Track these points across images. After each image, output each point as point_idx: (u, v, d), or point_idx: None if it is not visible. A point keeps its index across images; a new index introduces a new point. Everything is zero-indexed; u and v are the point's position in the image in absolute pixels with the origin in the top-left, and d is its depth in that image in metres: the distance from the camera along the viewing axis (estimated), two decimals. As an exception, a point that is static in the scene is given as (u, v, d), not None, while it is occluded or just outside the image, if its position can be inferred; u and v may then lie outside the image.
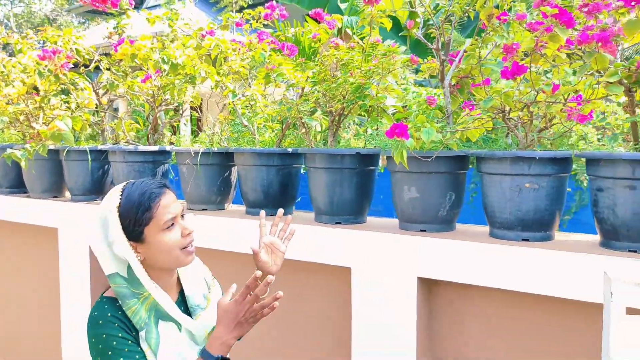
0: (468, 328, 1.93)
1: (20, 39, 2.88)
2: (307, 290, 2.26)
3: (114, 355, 1.35)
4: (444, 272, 1.84)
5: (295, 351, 2.31)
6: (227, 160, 2.46)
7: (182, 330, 1.47)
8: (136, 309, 1.39)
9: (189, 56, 2.31)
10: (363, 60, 2.17)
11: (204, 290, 1.58)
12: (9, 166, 3.09)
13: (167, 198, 1.42)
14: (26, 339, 3.27)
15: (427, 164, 1.86)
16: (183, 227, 1.43)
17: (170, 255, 1.42)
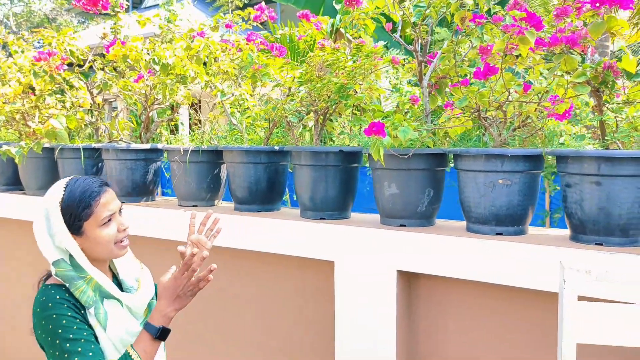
0: (446, 319, 2.00)
1: (16, 39, 2.95)
2: (292, 283, 2.33)
3: (65, 333, 1.46)
4: (422, 265, 1.92)
5: (279, 343, 2.38)
6: (217, 158, 2.53)
7: (124, 307, 1.60)
8: (83, 289, 1.52)
9: (178, 57, 2.38)
10: (347, 60, 2.24)
11: (135, 274, 1.73)
12: (6, 164, 3.16)
13: (106, 196, 1.56)
14: (22, 336, 3.34)
15: (407, 161, 1.93)
16: (119, 223, 1.59)
17: (105, 248, 1.56)
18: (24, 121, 3.07)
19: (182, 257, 1.72)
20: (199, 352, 2.62)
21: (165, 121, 2.89)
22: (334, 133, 2.50)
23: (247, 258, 2.42)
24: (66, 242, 1.53)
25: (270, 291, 2.40)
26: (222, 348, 2.55)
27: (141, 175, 2.71)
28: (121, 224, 1.60)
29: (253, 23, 2.85)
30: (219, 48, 2.47)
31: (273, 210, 2.44)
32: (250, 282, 2.45)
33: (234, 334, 2.51)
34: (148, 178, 2.74)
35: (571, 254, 1.63)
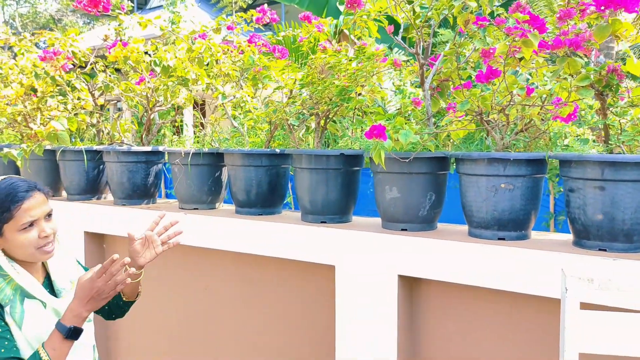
0: (448, 324, 1.98)
1: (18, 41, 2.94)
2: (293, 287, 2.32)
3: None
4: (424, 270, 1.90)
5: (280, 347, 2.37)
6: (218, 161, 2.52)
7: (48, 308, 1.60)
8: (1, 287, 1.54)
9: (178, 59, 2.37)
10: (349, 63, 2.22)
11: (70, 275, 1.72)
12: (8, 166, 3.15)
13: (30, 202, 1.55)
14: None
15: (408, 164, 1.91)
16: (41, 229, 1.56)
17: (25, 252, 1.55)
18: (25, 123, 3.07)
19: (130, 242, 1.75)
20: (200, 356, 2.61)
21: (167, 123, 2.88)
22: (337, 135, 2.49)
23: (248, 262, 2.40)
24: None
25: (270, 295, 2.38)
26: (221, 351, 2.54)
27: (142, 178, 2.69)
28: (43, 230, 1.57)
29: (255, 25, 2.84)
30: (220, 50, 2.46)
31: (274, 214, 2.42)
32: (251, 286, 2.43)
33: (234, 337, 2.50)
34: (149, 180, 2.73)
35: (574, 259, 1.61)
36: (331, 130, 2.50)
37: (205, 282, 2.56)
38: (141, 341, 2.84)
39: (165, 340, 2.73)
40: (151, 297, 2.76)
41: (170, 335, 2.71)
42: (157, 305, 2.74)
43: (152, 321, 2.77)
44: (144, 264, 1.78)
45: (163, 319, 2.73)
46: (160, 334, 2.74)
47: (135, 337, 2.86)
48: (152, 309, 2.76)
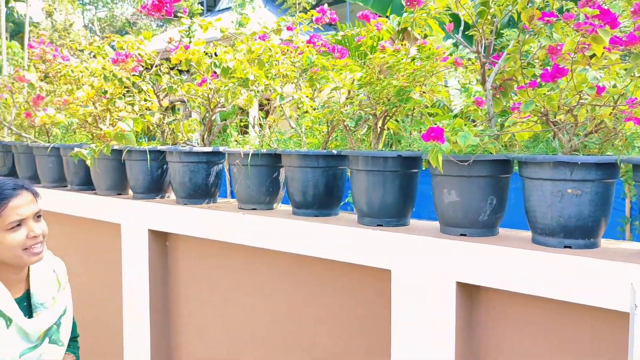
0: (509, 334, 1.89)
1: (88, 44, 3.07)
2: (348, 290, 2.29)
3: None
4: (483, 277, 1.82)
5: (334, 349, 2.34)
6: (276, 162, 2.53)
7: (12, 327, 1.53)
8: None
9: (237, 60, 2.39)
10: (407, 63, 2.17)
11: (52, 291, 1.65)
12: (79, 165, 3.30)
13: (17, 200, 1.51)
14: (89, 326, 3.48)
15: (468, 167, 1.84)
16: (30, 229, 1.53)
17: (11, 253, 1.51)
18: (95, 124, 3.19)
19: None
20: (255, 356, 2.63)
21: (229, 123, 2.92)
22: (401, 135, 2.43)
23: (303, 263, 2.40)
24: None
25: (325, 297, 2.36)
26: (276, 352, 2.54)
27: (203, 178, 2.74)
28: (31, 230, 1.54)
29: (315, 25, 2.83)
30: (278, 51, 2.47)
31: (331, 215, 2.40)
32: (306, 288, 2.42)
33: (288, 338, 2.50)
34: (210, 180, 2.77)
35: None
36: (394, 130, 2.45)
37: (261, 282, 2.57)
38: (199, 339, 2.89)
39: (222, 339, 2.76)
40: (209, 295, 2.81)
41: (226, 334, 2.74)
42: (214, 303, 2.78)
43: (209, 319, 2.81)
44: None
45: (220, 318, 2.77)
46: (217, 332, 2.79)
47: (193, 335, 2.92)
48: (210, 307, 2.80)
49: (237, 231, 2.49)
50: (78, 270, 3.54)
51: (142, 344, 2.97)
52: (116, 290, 3.18)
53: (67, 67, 3.05)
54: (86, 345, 3.35)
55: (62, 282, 1.73)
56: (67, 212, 3.41)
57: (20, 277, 1.61)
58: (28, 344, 1.56)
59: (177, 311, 2.98)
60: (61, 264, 1.80)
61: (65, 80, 3.39)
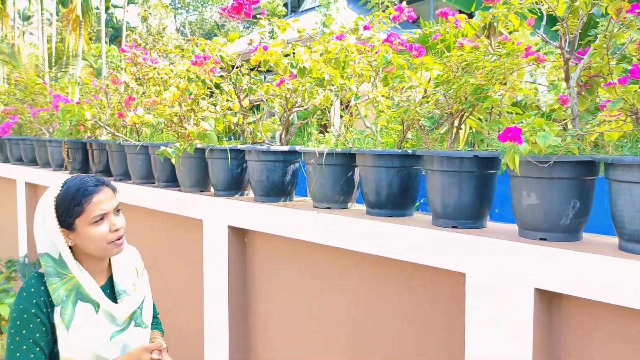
0: (592, 347, 1.79)
1: (174, 47, 3.22)
2: (420, 292, 2.25)
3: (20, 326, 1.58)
4: (564, 285, 1.73)
5: (406, 353, 2.31)
6: (350, 161, 2.53)
7: (100, 312, 1.65)
8: (56, 286, 1.61)
9: (313, 60, 2.41)
10: (486, 60, 2.10)
11: (133, 279, 1.77)
12: (165, 163, 3.46)
13: (100, 196, 1.62)
14: (173, 315, 3.64)
15: (549, 168, 1.76)
16: (112, 223, 1.64)
17: (97, 246, 1.63)
18: (180, 123, 3.33)
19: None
20: (328, 354, 2.64)
21: (306, 122, 2.95)
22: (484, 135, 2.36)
23: (376, 263, 2.38)
24: (55, 237, 1.62)
25: (397, 298, 2.34)
26: (349, 351, 2.55)
27: (280, 176, 2.79)
28: (113, 224, 1.65)
29: (392, 24, 2.80)
30: (354, 50, 2.46)
31: (405, 216, 2.37)
32: (378, 288, 2.41)
33: (360, 338, 2.49)
34: (286, 179, 2.82)
35: None
36: (476, 129, 2.38)
37: (334, 281, 2.58)
38: (274, 333, 2.95)
39: (295, 335, 2.80)
40: (283, 292, 2.86)
41: (299, 331, 2.78)
42: (288, 300, 2.83)
43: (283, 315, 2.86)
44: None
45: (293, 314, 2.81)
46: (291, 329, 2.83)
47: (268, 328, 2.98)
48: (284, 304, 2.85)
49: (311, 230, 2.52)
50: (163, 262, 3.72)
51: (220, 333, 3.07)
52: (198, 283, 3.30)
53: (154, 70, 3.20)
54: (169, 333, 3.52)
55: (139, 270, 1.85)
56: (154, 208, 3.58)
57: (102, 267, 1.73)
58: (116, 327, 1.70)
59: (254, 305, 3.06)
60: (137, 253, 1.91)
61: (154, 82, 3.57)
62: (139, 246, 2.12)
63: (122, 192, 3.87)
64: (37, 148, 5.21)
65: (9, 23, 30.27)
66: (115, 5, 37.74)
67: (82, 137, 4.34)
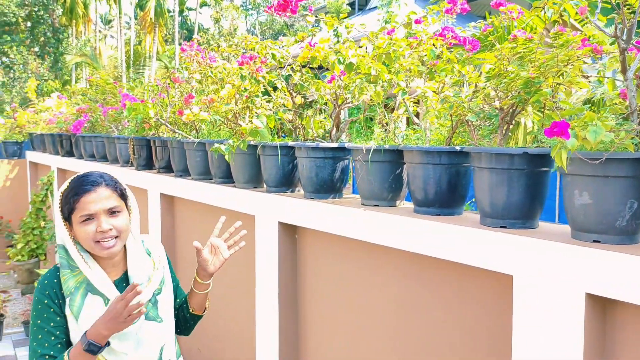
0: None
1: (227, 47, 3.27)
2: (467, 294, 2.18)
3: (36, 317, 1.64)
4: (619, 291, 1.62)
5: (452, 354, 2.24)
6: (399, 158, 2.48)
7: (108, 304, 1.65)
8: (66, 278, 1.65)
9: (359, 56, 2.38)
10: (541, 52, 1.99)
11: (148, 272, 1.76)
12: (221, 159, 3.53)
13: (92, 196, 1.63)
14: (226, 310, 3.71)
15: (603, 166, 1.65)
16: (98, 224, 1.63)
17: (87, 244, 1.65)
18: (235, 120, 3.39)
19: (198, 254, 1.80)
20: (373, 352, 2.61)
21: (354, 120, 2.92)
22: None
23: (422, 263, 2.32)
24: (61, 230, 1.68)
25: (441, 299, 2.27)
26: (395, 353, 2.50)
27: (329, 173, 2.78)
28: (99, 226, 1.63)
29: (444, 16, 2.72)
30: (402, 45, 2.41)
31: (454, 215, 2.30)
32: (423, 288, 2.35)
33: (406, 339, 2.44)
34: (335, 176, 2.80)
35: None
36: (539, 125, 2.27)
37: (380, 279, 2.54)
38: (322, 329, 2.94)
39: (342, 332, 2.78)
40: (331, 288, 2.85)
41: (345, 328, 2.76)
42: (335, 296, 2.81)
43: (331, 311, 2.85)
44: (214, 271, 1.83)
45: (340, 311, 2.79)
46: (337, 325, 2.81)
47: (316, 324, 2.97)
48: (331, 299, 2.84)
49: (357, 227, 2.49)
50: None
51: (271, 326, 3.10)
52: (251, 277, 3.35)
53: (211, 69, 3.27)
54: (224, 324, 3.59)
55: (157, 263, 1.85)
56: (211, 203, 3.66)
57: (114, 262, 1.75)
58: None
59: (303, 300, 3.06)
60: (158, 246, 1.92)
61: (212, 80, 3.65)
62: (195, 239, 2.16)
63: (181, 188, 3.99)
64: (107, 145, 5.45)
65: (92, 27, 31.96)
66: (189, 7, 39.04)
67: (146, 134, 4.51)
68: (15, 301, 7.56)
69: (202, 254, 1.83)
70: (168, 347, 1.82)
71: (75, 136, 6.25)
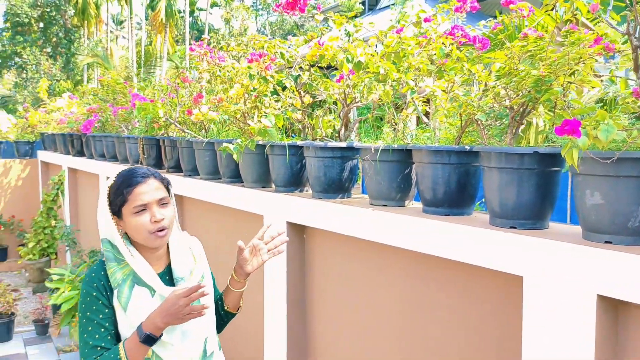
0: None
1: (236, 45, 3.26)
2: (476, 295, 2.15)
3: (85, 309, 1.67)
4: (631, 292, 1.59)
5: (461, 356, 2.22)
6: (407, 157, 2.46)
7: (156, 296, 1.69)
8: (114, 270, 1.68)
9: (367, 55, 2.36)
10: (552, 50, 1.97)
11: (190, 266, 1.80)
12: (229, 159, 3.52)
13: (143, 187, 1.68)
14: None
15: (615, 165, 1.62)
16: (152, 214, 1.68)
17: (139, 235, 1.69)
18: (244, 120, 3.38)
19: (239, 252, 1.82)
20: (382, 353, 2.59)
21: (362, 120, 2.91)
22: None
23: (432, 263, 2.30)
24: (108, 224, 1.71)
25: (449, 300, 2.25)
26: (402, 354, 2.48)
27: (337, 173, 2.77)
28: (154, 215, 1.69)
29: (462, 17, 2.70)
30: (410, 44, 2.39)
31: (463, 215, 2.27)
32: (430, 288, 2.33)
33: (411, 340, 2.42)
34: (344, 175, 2.79)
35: None
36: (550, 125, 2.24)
37: (389, 279, 2.53)
38: (331, 331, 2.93)
39: (350, 334, 2.77)
40: (339, 287, 2.83)
41: (354, 329, 2.74)
42: (344, 296, 2.80)
43: (339, 311, 2.83)
44: (251, 271, 1.87)
45: (348, 310, 2.77)
46: (346, 325, 2.80)
47: (324, 323, 2.96)
48: (340, 299, 2.82)
49: (366, 227, 2.47)
50: (226, 255, 3.79)
51: (279, 325, 3.09)
52: (259, 277, 3.34)
53: (219, 68, 3.27)
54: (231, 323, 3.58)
55: (197, 258, 1.89)
56: (219, 203, 3.66)
57: (158, 255, 1.79)
58: None
59: (311, 300, 3.05)
60: (197, 242, 1.97)
61: (221, 80, 3.64)
62: (204, 239, 2.17)
63: (190, 187, 3.99)
64: (117, 144, 5.47)
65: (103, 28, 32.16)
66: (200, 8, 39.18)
67: (156, 134, 4.51)
68: (27, 300, 7.61)
69: (243, 253, 1.88)
70: (211, 339, 1.87)
71: (86, 136, 6.29)
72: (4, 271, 9.29)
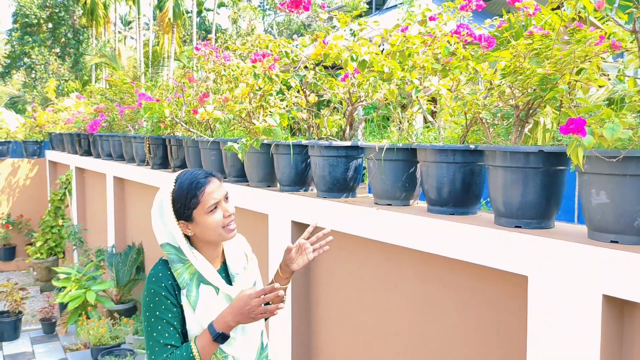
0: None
1: (241, 44, 3.26)
2: (479, 295, 2.14)
3: (154, 309, 1.70)
4: (636, 292, 1.57)
5: (466, 355, 2.21)
6: (412, 156, 2.45)
7: (220, 294, 1.75)
8: (181, 271, 1.72)
9: (371, 53, 2.35)
10: (558, 48, 1.95)
11: (243, 263, 1.87)
12: (235, 158, 3.52)
13: (211, 186, 1.73)
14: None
15: (621, 164, 1.61)
16: (224, 210, 1.74)
17: (214, 232, 1.73)
18: (249, 119, 3.38)
19: (287, 253, 1.86)
20: (387, 352, 2.58)
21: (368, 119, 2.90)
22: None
23: (436, 263, 2.29)
24: (174, 229, 1.73)
25: (454, 299, 2.24)
26: (406, 353, 2.47)
27: (342, 172, 2.76)
28: (226, 210, 1.75)
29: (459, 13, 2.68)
30: (415, 42, 2.38)
31: (468, 214, 2.26)
32: (435, 288, 2.31)
33: (416, 339, 2.41)
34: (348, 175, 2.78)
35: None
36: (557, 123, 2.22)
37: (394, 279, 2.52)
38: (336, 331, 2.92)
39: (355, 334, 2.76)
40: (344, 287, 2.82)
41: (359, 329, 2.73)
42: (349, 295, 2.79)
43: (345, 312, 2.83)
44: (296, 269, 1.89)
45: (353, 309, 2.77)
46: (351, 326, 2.79)
47: (330, 326, 2.96)
48: (344, 298, 2.82)
49: (370, 226, 2.47)
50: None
51: (284, 325, 3.09)
52: (263, 276, 3.34)
53: (224, 67, 3.27)
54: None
55: (248, 255, 1.95)
56: (224, 202, 3.66)
57: (217, 253, 1.85)
58: None
59: (316, 300, 3.05)
60: (244, 240, 2.01)
61: (227, 79, 3.64)
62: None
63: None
64: (124, 144, 5.49)
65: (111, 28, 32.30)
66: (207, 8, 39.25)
67: (162, 134, 4.52)
68: (34, 299, 7.65)
69: (290, 252, 1.90)
70: (264, 332, 1.94)
71: (93, 135, 6.31)
72: (12, 270, 9.35)
